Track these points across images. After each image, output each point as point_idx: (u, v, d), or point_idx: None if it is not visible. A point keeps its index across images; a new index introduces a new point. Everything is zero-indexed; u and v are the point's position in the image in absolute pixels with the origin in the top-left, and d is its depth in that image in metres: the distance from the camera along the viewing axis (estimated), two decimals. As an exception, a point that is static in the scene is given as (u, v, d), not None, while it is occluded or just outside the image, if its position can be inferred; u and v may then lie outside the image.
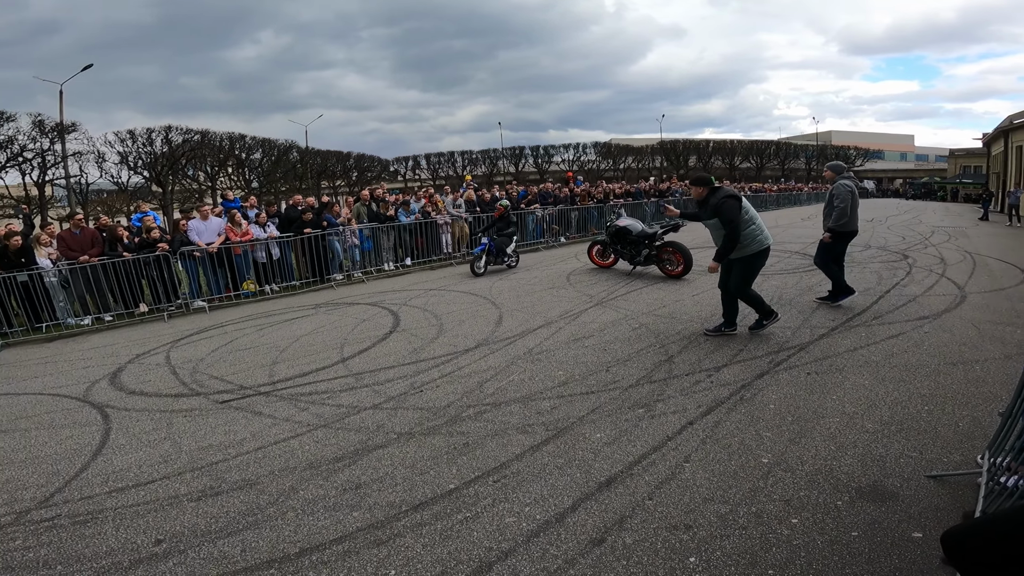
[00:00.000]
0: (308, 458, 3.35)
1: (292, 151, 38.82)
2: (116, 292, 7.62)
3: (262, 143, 36.78)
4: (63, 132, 27.55)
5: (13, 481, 3.31)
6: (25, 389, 5.10)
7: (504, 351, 5.11)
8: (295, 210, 9.31)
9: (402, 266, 10.19)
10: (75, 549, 2.65)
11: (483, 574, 2.25)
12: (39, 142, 27.54)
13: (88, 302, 7.54)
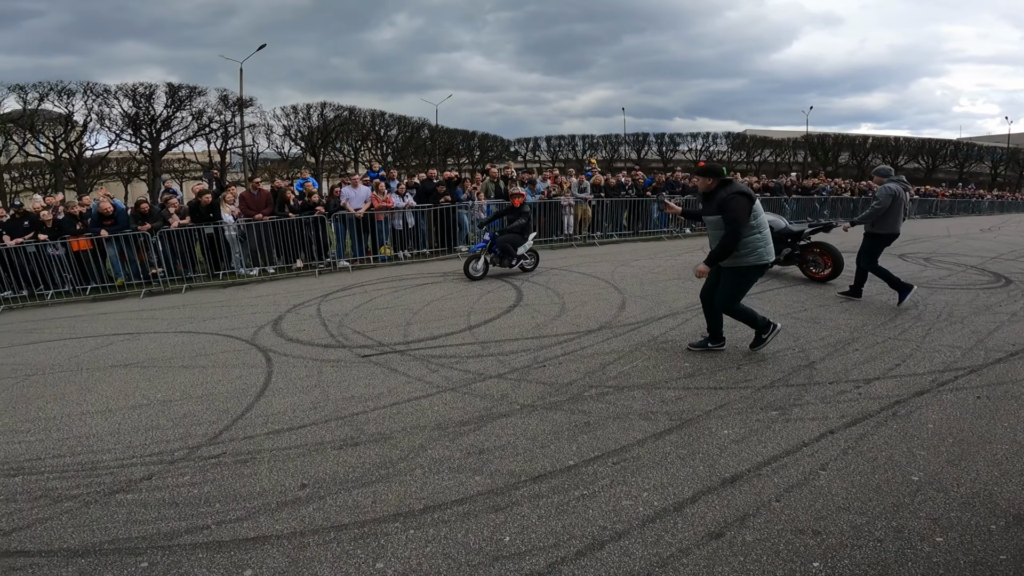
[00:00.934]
0: (437, 419, 3.51)
1: (424, 129, 41.11)
2: (279, 248, 8.69)
3: (398, 120, 39.43)
4: (242, 106, 31.68)
5: (190, 416, 3.79)
6: (204, 329, 5.99)
7: (627, 336, 5.03)
8: (431, 183, 9.87)
9: (524, 244, 10.38)
10: (233, 488, 2.89)
11: (595, 551, 2.26)
12: (223, 115, 32.02)
13: (257, 255, 8.68)
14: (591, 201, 11.22)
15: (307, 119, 35.54)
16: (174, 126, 30.58)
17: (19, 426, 3.73)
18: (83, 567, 2.33)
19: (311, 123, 35.58)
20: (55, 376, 4.72)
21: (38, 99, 26.36)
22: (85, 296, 8.07)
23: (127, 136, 29.16)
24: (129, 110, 28.87)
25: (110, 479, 3.01)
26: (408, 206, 9.28)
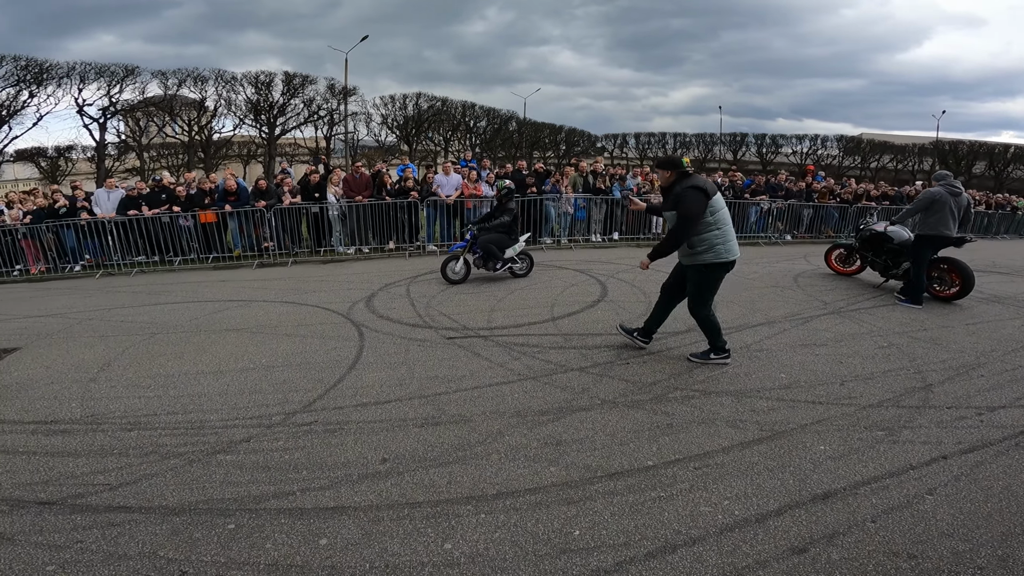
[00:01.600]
0: (516, 406, 3.54)
1: (512, 121, 41.48)
2: (375, 229, 9.16)
3: (487, 112, 40.07)
4: (346, 95, 33.61)
5: (289, 383, 4.06)
6: (306, 300, 6.43)
7: None
8: (520, 174, 9.95)
9: (609, 239, 10.21)
10: (320, 456, 3.03)
11: (665, 554, 2.21)
12: (330, 102, 34.14)
13: (355, 235, 9.21)
14: (683, 200, 10.78)
15: (403, 108, 37.08)
16: (288, 112, 33.08)
17: (141, 381, 4.16)
18: (176, 526, 2.49)
19: (407, 112, 37.08)
20: (177, 335, 5.28)
21: (177, 85, 29.48)
22: (207, 264, 8.99)
23: (249, 121, 31.93)
24: (252, 97, 31.57)
25: (214, 439, 3.26)
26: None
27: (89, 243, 8.85)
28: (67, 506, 2.63)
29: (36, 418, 3.57)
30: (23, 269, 8.94)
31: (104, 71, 27.07)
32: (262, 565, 2.24)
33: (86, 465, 2.99)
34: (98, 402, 3.79)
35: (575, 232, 10.05)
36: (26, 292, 7.83)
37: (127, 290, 7.46)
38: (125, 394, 3.91)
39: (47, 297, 7.28)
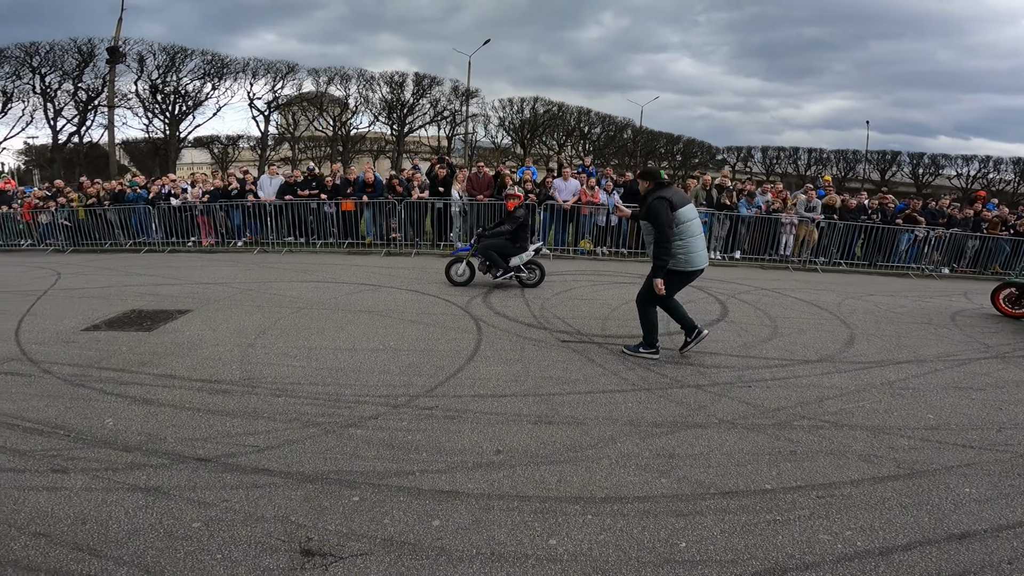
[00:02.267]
0: (630, 415, 3.54)
1: (627, 129, 40.71)
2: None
3: (603, 119, 39.67)
4: (468, 97, 35.12)
5: (414, 367, 4.32)
6: (428, 291, 6.83)
7: (854, 374, 4.43)
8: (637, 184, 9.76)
9: (730, 258, 9.66)
10: (439, 441, 3.17)
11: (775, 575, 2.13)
12: (453, 103, 35.89)
13: (473, 231, 9.61)
14: (819, 222, 9.90)
15: (519, 112, 37.92)
16: (416, 112, 35.31)
17: (290, 351, 4.65)
18: (309, 492, 2.71)
19: (523, 116, 37.88)
20: (319, 312, 5.84)
21: (327, 82, 32.69)
22: (342, 248, 9.89)
23: (383, 118, 34.57)
24: (386, 96, 34.13)
25: (347, 413, 3.54)
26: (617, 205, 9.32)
27: (251, 222, 10.14)
28: (219, 464, 2.93)
29: (201, 376, 4.10)
30: (196, 241, 10.49)
31: (271, 68, 30.76)
32: (379, 539, 2.38)
33: (240, 426, 3.34)
34: (254, 367, 4.30)
35: (693, 247, 9.66)
36: (197, 261, 9.14)
37: (278, 266, 8.44)
38: (276, 362, 4.40)
39: (214, 267, 8.44)
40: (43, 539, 2.30)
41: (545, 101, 37.88)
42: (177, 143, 29.56)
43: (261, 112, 31.43)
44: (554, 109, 37.93)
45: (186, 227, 10.38)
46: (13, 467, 2.85)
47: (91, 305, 6.21)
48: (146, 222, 10.58)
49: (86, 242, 10.71)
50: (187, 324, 5.43)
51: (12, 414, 3.44)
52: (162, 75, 27.73)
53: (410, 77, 34.37)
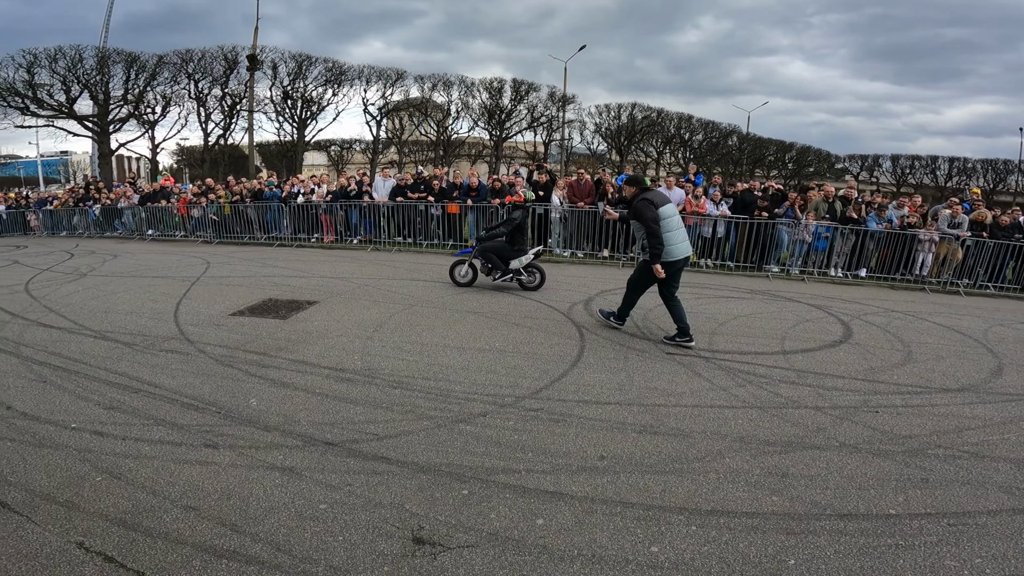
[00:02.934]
0: (740, 431, 3.43)
1: (732, 136, 38.68)
2: (590, 235, 9.48)
3: (705, 125, 37.98)
4: (564, 103, 35.22)
5: (518, 369, 4.43)
6: (529, 295, 6.91)
7: (1001, 406, 4.03)
8: (751, 194, 9.26)
9: (854, 276, 8.86)
10: (544, 442, 3.25)
11: None
12: (549, 109, 36.18)
13: (570, 239, 9.65)
14: (965, 240, 8.78)
15: (616, 118, 37.35)
16: (514, 117, 36.05)
17: (404, 345, 4.95)
18: (423, 483, 2.86)
19: (620, 122, 37.27)
20: (428, 309, 6.16)
21: (430, 88, 34.35)
22: (446, 249, 10.34)
23: (482, 124, 35.69)
24: (486, 101, 35.18)
25: (457, 408, 3.72)
26: (722, 215, 8.91)
27: (366, 221, 10.93)
28: (345, 449, 3.17)
29: (328, 364, 4.48)
30: (319, 237, 11.49)
31: (382, 75, 32.89)
32: (484, 533, 2.47)
33: (362, 414, 3.61)
34: (373, 358, 4.63)
35: (809, 263, 8.97)
36: (320, 256, 10.01)
37: (390, 264, 9.03)
38: (392, 355, 4.72)
39: (335, 262, 9.20)
40: (192, 512, 2.57)
41: (643, 107, 37.04)
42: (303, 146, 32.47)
43: (374, 117, 33.67)
44: (652, 115, 36.98)
45: (311, 224, 11.42)
46: (172, 440, 3.24)
47: (235, 292, 7.03)
48: (278, 218, 11.78)
49: (229, 235, 12.15)
50: (315, 314, 5.98)
51: (173, 389, 3.97)
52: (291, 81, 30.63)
53: (508, 83, 35.15)
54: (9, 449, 3.11)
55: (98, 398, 3.80)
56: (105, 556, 2.28)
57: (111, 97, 28.00)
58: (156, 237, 13.12)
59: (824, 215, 8.91)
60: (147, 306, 6.33)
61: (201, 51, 28.83)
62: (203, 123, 30.50)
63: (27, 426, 3.39)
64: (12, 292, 7.21)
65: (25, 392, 3.91)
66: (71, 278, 8.18)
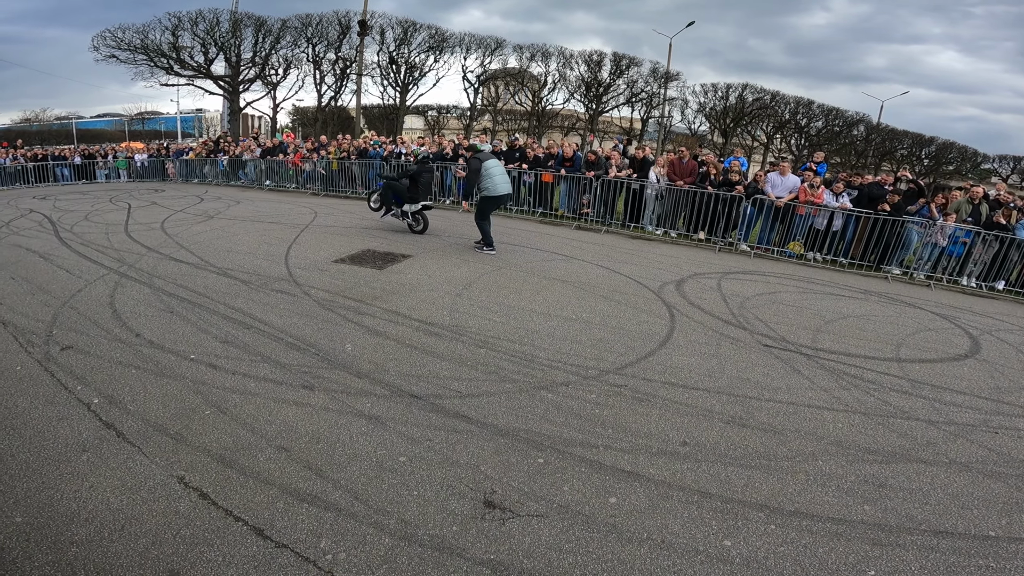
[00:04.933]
0: (838, 435, 3.23)
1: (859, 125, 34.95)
2: (687, 216, 9.04)
3: (827, 112, 34.56)
4: (667, 80, 33.50)
5: (604, 342, 4.36)
6: (619, 269, 6.78)
7: None
8: (880, 188, 8.35)
9: (990, 287, 7.80)
10: (626, 420, 3.19)
11: None
12: (651, 85, 34.60)
13: (667, 217, 9.27)
14: None
15: (724, 99, 34.95)
16: (611, 91, 34.85)
17: (491, 306, 5.04)
18: (500, 446, 2.89)
19: (727, 103, 34.87)
20: (517, 274, 6.21)
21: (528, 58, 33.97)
22: (534, 217, 10.35)
23: (578, 96, 34.88)
24: (584, 74, 34.26)
25: (540, 375, 3.73)
26: (842, 207, 8.13)
27: (459, 183, 11.15)
28: (428, 404, 3.27)
29: (419, 317, 4.67)
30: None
31: (482, 43, 32.96)
32: (555, 504, 2.47)
33: (448, 370, 3.72)
34: (461, 315, 4.76)
35: (939, 268, 7.99)
36: (414, 214, 10.38)
37: (480, 228, 9.18)
38: (479, 314, 4.82)
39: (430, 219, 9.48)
40: (284, 454, 2.74)
41: (755, 88, 34.33)
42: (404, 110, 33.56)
43: (471, 84, 33.96)
44: (765, 98, 34.20)
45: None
46: (274, 378, 3.49)
47: (338, 241, 7.49)
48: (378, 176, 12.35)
49: (334, 189, 12.93)
50: (408, 267, 6.24)
51: (279, 328, 4.31)
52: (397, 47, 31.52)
53: (608, 57, 33.94)
54: (133, 377, 3.46)
55: (215, 331, 4.19)
56: (201, 492, 2.45)
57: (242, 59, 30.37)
58: (272, 187, 14.24)
59: (966, 218, 7.85)
60: (262, 248, 6.92)
61: (319, 16, 30.33)
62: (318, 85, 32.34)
63: (152, 354, 3.78)
64: (149, 229, 8.16)
65: (154, 321, 4.38)
66: (200, 219, 9.12)
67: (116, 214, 9.64)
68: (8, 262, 6.18)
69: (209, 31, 29.07)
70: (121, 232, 7.90)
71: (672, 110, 35.62)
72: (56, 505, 2.35)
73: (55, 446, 2.76)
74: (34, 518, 2.28)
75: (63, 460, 2.65)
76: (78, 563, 2.07)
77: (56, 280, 5.44)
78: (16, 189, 14.89)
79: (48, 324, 4.30)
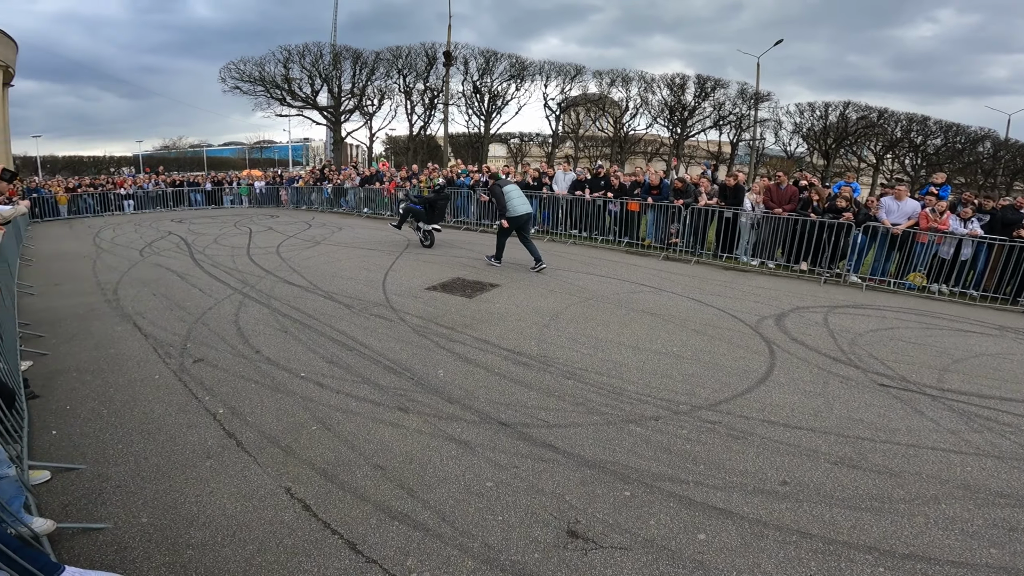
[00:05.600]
0: (965, 478, 2.99)
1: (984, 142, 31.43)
2: (787, 246, 8.52)
3: (947, 129, 31.41)
4: (757, 100, 32.15)
5: (696, 377, 4.20)
6: (711, 302, 6.48)
7: None
8: (1015, 212, 7.41)
9: None
10: (719, 457, 3.06)
11: None
12: (739, 107, 33.38)
13: (764, 247, 8.78)
14: None
15: (823, 118, 32.88)
16: (696, 115, 34.02)
17: (579, 337, 5.01)
18: (586, 476, 2.85)
19: (827, 121, 32.76)
20: (604, 306, 6.14)
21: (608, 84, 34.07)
22: (620, 247, 10.21)
23: (661, 120, 34.40)
24: (667, 98, 33.78)
25: (629, 408, 3.66)
26: (971, 234, 7.29)
27: (544, 212, 11.32)
28: (516, 432, 3.30)
29: (507, 346, 4.74)
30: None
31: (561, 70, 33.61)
32: (640, 538, 2.41)
33: (535, 400, 3.74)
34: (548, 346, 4.77)
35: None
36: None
37: (565, 256, 9.22)
38: (567, 345, 4.81)
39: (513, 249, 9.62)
40: (379, 472, 2.87)
41: (859, 106, 32.03)
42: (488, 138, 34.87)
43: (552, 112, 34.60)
44: (872, 115, 31.78)
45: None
46: (373, 399, 3.70)
47: (430, 269, 7.85)
48: (466, 204, 12.83)
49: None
50: (497, 297, 6.39)
51: (378, 351, 4.56)
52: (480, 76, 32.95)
53: (691, 79, 33.29)
54: (252, 391, 3.81)
55: (323, 351, 4.53)
56: (304, 504, 2.62)
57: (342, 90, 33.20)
58: (369, 214, 15.26)
59: None
60: (362, 274, 7.41)
61: (408, 48, 32.55)
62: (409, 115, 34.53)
63: (269, 370, 4.15)
64: (267, 252, 9.03)
65: (271, 339, 4.82)
66: (309, 245, 9.96)
67: (239, 238, 10.78)
68: (151, 279, 7.10)
69: (315, 63, 32.10)
70: (244, 255, 8.81)
71: (764, 132, 34.10)
72: (179, 508, 2.58)
73: (183, 451, 3.06)
74: (158, 519, 2.51)
75: (189, 465, 2.93)
76: (191, 566, 2.25)
77: (190, 298, 6.16)
78: (156, 212, 17.19)
79: (183, 338, 4.85)
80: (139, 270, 7.80)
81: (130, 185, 18.40)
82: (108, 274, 7.55)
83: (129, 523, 2.48)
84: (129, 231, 12.30)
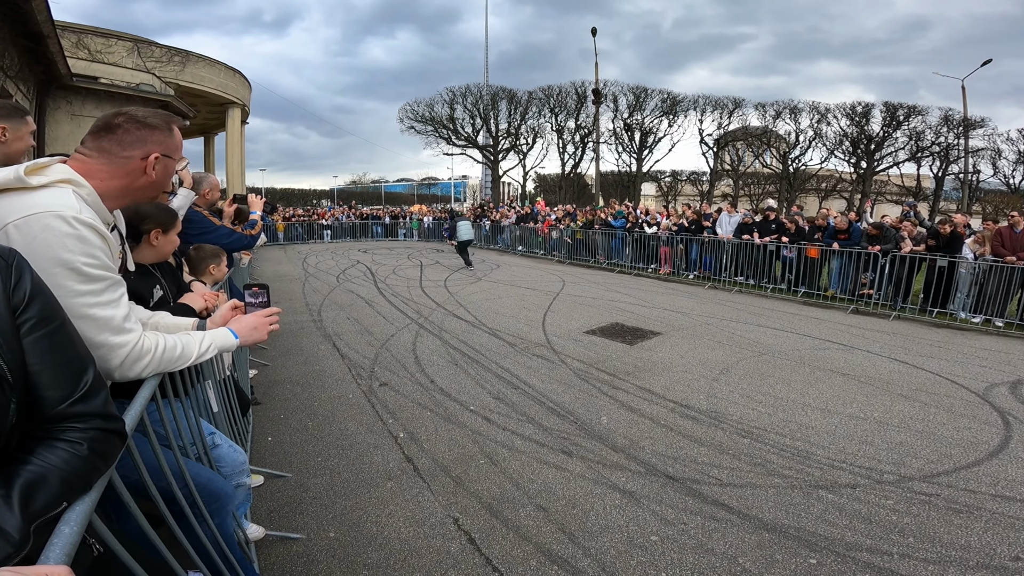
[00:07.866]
0: None
1: None
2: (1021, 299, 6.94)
3: None
4: (967, 128, 27.24)
5: (906, 446, 3.62)
6: (921, 365, 5.51)
7: None
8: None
9: None
10: (934, 530, 2.70)
11: None
12: (944, 136, 28.56)
13: (989, 301, 7.26)
14: None
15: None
16: (887, 146, 29.88)
17: (754, 395, 4.57)
18: (764, 540, 2.59)
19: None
20: (782, 361, 5.55)
21: (773, 116, 31.57)
22: (795, 297, 9.24)
23: (839, 153, 30.86)
24: (847, 128, 30.25)
25: (818, 473, 3.25)
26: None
27: (706, 257, 10.76)
28: (685, 487, 3.08)
29: (673, 398, 4.48)
30: (655, 268, 11.87)
31: (718, 104, 32.06)
32: None
33: (706, 456, 3.48)
34: (719, 401, 4.43)
35: None
36: (658, 287, 10.31)
37: (731, 305, 8.61)
38: (740, 402, 4.42)
39: (672, 295, 9.33)
40: (542, 513, 2.82)
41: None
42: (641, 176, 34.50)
43: (710, 147, 33.06)
44: None
45: (650, 254, 11.94)
46: (537, 439, 3.70)
47: (587, 312, 7.87)
48: (620, 247, 12.75)
49: (577, 257, 13.82)
50: (659, 345, 6.15)
51: (541, 392, 4.60)
52: (630, 113, 32.85)
53: (876, 107, 29.32)
54: (428, 418, 4.04)
55: (489, 387, 4.71)
56: (469, 536, 2.65)
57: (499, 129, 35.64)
58: (523, 252, 15.97)
59: None
60: (522, 313, 7.69)
61: (558, 87, 33.78)
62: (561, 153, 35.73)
63: (442, 400, 4.40)
64: (436, 286, 9.87)
65: (443, 370, 5.14)
66: (471, 281, 10.68)
67: (412, 270, 12.00)
68: (346, 304, 8.16)
69: (475, 103, 34.92)
70: (417, 287, 9.76)
71: (979, 162, 28.66)
72: (361, 526, 2.75)
73: (369, 471, 3.30)
74: (344, 535, 2.68)
75: (373, 484, 3.14)
76: (363, 586, 2.35)
77: (376, 324, 6.93)
78: (347, 242, 20.04)
79: (371, 361, 5.43)
80: (336, 295, 9.05)
81: (329, 217, 21.84)
82: (313, 296, 8.89)
83: (319, 536, 2.67)
84: (327, 258, 14.44)
